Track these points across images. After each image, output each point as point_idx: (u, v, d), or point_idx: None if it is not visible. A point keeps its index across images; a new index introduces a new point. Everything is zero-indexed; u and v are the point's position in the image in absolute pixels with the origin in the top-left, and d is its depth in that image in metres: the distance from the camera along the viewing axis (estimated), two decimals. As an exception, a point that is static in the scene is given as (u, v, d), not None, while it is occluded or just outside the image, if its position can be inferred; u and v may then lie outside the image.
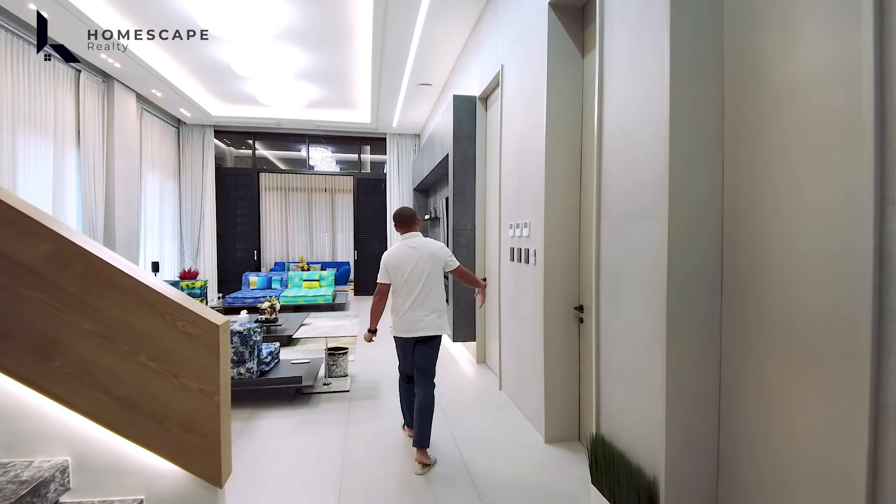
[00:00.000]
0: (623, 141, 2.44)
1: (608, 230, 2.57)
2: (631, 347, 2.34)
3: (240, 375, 3.98)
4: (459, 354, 5.67)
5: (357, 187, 11.18)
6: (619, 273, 2.46)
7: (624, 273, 2.41)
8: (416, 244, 3.19)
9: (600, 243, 2.65)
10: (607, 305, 2.57)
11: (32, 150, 5.60)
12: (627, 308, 2.37)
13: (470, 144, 5.19)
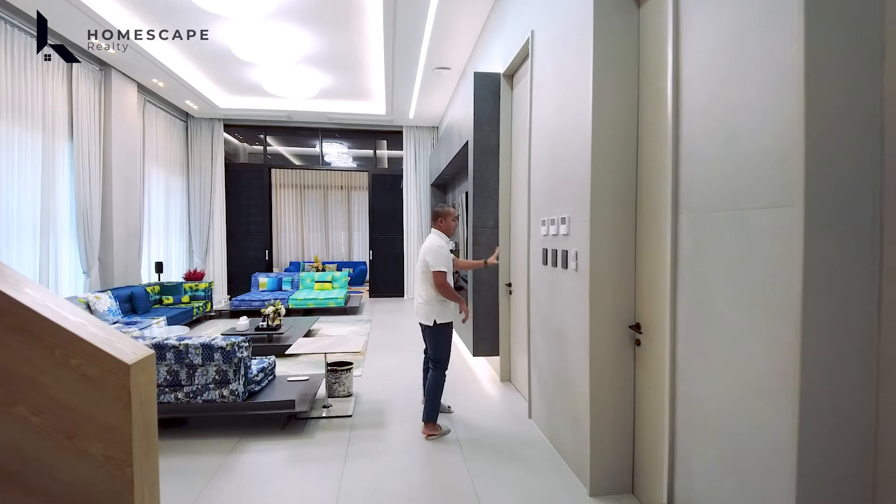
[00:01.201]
0: (713, 102, 1.74)
1: (689, 226, 1.88)
2: (729, 392, 1.65)
3: (222, 399, 3.38)
4: (481, 370, 5.00)
5: (372, 183, 10.59)
6: (707, 285, 1.76)
7: (716, 285, 1.71)
8: (426, 240, 3.61)
9: (677, 243, 1.96)
10: (688, 329, 1.88)
11: (17, 142, 5.13)
12: (722, 335, 1.68)
13: (493, 129, 4.52)
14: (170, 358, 3.32)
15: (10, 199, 5.05)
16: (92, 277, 6.42)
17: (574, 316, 2.82)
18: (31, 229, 5.35)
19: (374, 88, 8.25)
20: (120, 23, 5.59)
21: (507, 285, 4.49)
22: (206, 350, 3.34)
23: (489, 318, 4.57)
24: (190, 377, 3.38)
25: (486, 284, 4.55)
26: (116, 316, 5.81)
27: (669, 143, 2.07)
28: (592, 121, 2.55)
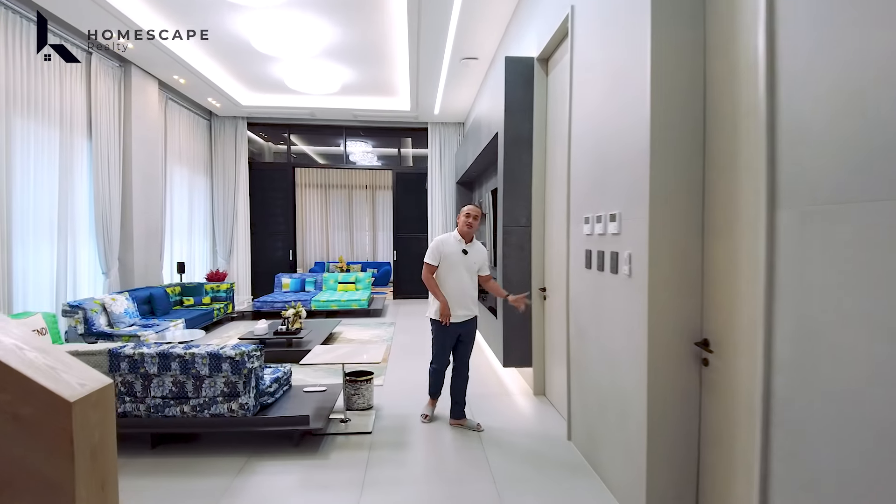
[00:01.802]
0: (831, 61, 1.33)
1: (795, 225, 1.48)
2: (858, 448, 1.24)
3: (231, 413, 3.10)
4: (512, 383, 4.62)
5: (397, 182, 10.30)
6: (829, 306, 1.36)
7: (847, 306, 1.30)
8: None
9: (774, 248, 1.55)
10: (797, 361, 1.47)
11: (33, 139, 4.99)
12: (856, 372, 1.27)
13: (525, 118, 4.13)
14: (175, 368, 3.06)
15: (26, 198, 4.91)
16: (111, 278, 6.29)
17: (626, 329, 2.42)
18: (47, 229, 5.22)
19: (398, 83, 7.94)
20: (137, 16, 5.42)
21: (541, 290, 4.10)
22: (214, 360, 3.06)
23: (521, 325, 4.18)
24: (197, 389, 3.11)
25: (516, 288, 4.16)
26: (133, 318, 5.64)
27: (762, 123, 1.66)
28: (651, 100, 2.15)
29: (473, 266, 3.50)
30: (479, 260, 3.53)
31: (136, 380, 3.08)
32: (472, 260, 3.50)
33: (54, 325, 4.45)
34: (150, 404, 3.08)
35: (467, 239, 3.50)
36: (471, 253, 3.50)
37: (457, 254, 3.46)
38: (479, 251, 3.53)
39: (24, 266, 4.90)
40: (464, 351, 3.59)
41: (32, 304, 4.98)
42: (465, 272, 3.48)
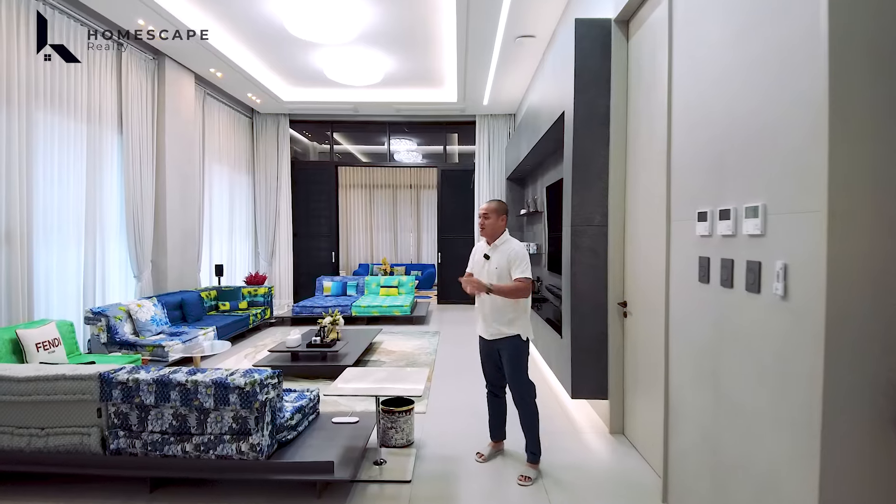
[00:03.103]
0: None
1: None
2: None
3: (240, 455, 2.52)
4: (582, 417, 3.83)
5: (442, 180, 9.67)
6: None
7: None
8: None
9: None
10: None
11: (57, 133, 4.67)
12: None
13: (601, 92, 3.38)
14: (175, 399, 2.51)
15: (50, 196, 4.59)
16: (143, 282, 5.97)
17: (776, 375, 1.64)
18: (74, 229, 4.90)
19: (444, 71, 7.30)
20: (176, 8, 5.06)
21: (620, 305, 3.32)
22: (220, 390, 2.50)
23: (594, 348, 3.42)
24: (201, 424, 2.56)
25: (588, 302, 3.41)
26: (161, 325, 5.26)
27: None
28: (829, 42, 1.38)
29: (494, 272, 2.85)
30: (503, 264, 2.84)
31: (130, 411, 2.56)
32: (494, 265, 2.87)
33: (71, 335, 4.08)
34: (148, 440, 2.55)
35: (490, 240, 2.94)
36: (493, 257, 2.89)
37: (479, 260, 2.99)
38: (504, 253, 2.85)
39: (48, 270, 4.58)
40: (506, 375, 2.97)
41: (56, 310, 4.66)
42: (485, 278, 2.89)
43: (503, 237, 2.91)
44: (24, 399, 2.52)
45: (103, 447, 2.56)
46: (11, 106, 4.07)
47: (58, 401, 2.52)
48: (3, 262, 4.03)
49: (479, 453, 3.10)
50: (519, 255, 2.81)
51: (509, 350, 2.86)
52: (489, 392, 3.12)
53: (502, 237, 2.90)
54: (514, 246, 2.87)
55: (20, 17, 4.19)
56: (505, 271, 2.82)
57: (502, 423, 3.15)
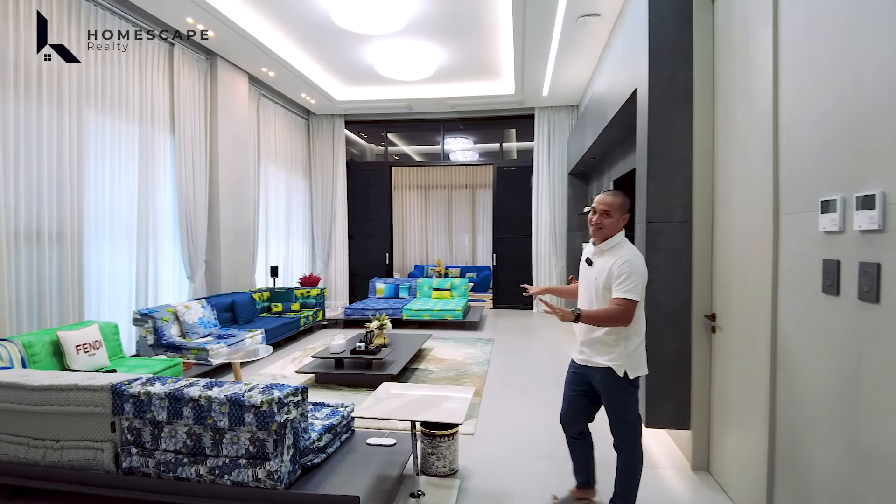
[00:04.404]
0: None
1: None
2: None
3: (257, 483, 2.22)
4: (659, 450, 3.23)
5: (497, 178, 9.21)
6: None
7: None
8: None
9: None
10: None
11: (109, 134, 4.68)
12: None
13: (681, 65, 2.82)
14: (188, 416, 2.26)
15: (101, 197, 4.60)
16: (196, 283, 5.97)
17: None
18: (126, 230, 4.91)
19: (499, 61, 6.87)
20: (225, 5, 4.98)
21: (707, 318, 2.75)
22: (235, 408, 2.21)
23: (674, 369, 2.86)
24: (216, 445, 2.28)
25: (667, 314, 2.86)
26: (209, 327, 5.18)
27: None
28: None
29: (593, 282, 2.24)
30: (605, 275, 2.17)
31: (143, 426, 2.33)
32: (595, 274, 2.25)
33: (115, 337, 4.02)
34: (161, 460, 2.31)
35: (598, 243, 2.29)
36: (596, 264, 2.26)
37: (583, 263, 2.38)
38: (610, 260, 2.18)
39: (99, 271, 4.59)
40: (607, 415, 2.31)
41: (108, 312, 4.67)
42: (583, 290, 2.34)
43: (614, 239, 2.23)
44: (40, 409, 2.35)
45: (116, 464, 2.35)
46: (63, 107, 4.08)
47: (72, 412, 2.34)
48: (55, 262, 4.03)
49: (553, 497, 2.54)
50: (628, 266, 2.10)
51: (603, 387, 2.23)
52: (565, 429, 2.49)
53: (613, 239, 2.23)
54: (626, 253, 2.16)
55: (71, 19, 4.19)
56: (605, 284, 2.17)
57: (588, 466, 2.51)
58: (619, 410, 2.22)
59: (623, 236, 2.26)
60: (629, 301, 2.07)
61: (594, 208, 2.26)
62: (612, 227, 2.22)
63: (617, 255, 2.17)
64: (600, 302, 2.19)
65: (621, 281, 2.09)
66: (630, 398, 2.21)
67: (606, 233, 2.23)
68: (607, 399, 2.24)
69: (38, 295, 3.85)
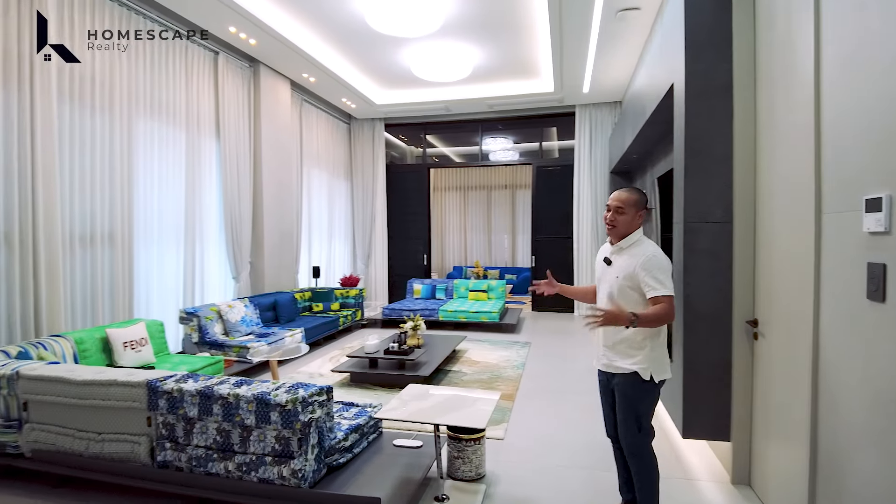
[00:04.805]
0: None
1: None
2: None
3: (281, 480, 2.26)
4: (697, 462, 3.07)
5: (537, 178, 9.07)
6: None
7: None
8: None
9: None
10: None
11: (157, 140, 4.92)
12: None
13: (720, 57, 2.67)
14: (217, 413, 2.33)
15: (150, 201, 4.84)
16: (241, 283, 6.19)
17: None
18: (173, 232, 5.15)
19: (537, 58, 6.75)
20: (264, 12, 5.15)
21: (749, 324, 2.58)
22: (261, 407, 2.26)
23: (714, 378, 2.71)
24: (243, 442, 2.35)
25: (706, 319, 2.71)
26: (251, 326, 5.36)
27: None
28: None
29: (615, 281, 2.15)
30: (629, 271, 2.09)
31: (177, 422, 2.42)
32: (615, 273, 2.16)
33: (160, 334, 4.22)
34: (192, 455, 2.39)
35: (615, 242, 2.24)
36: (616, 262, 2.19)
37: (601, 263, 2.32)
38: (633, 257, 2.11)
39: (148, 270, 4.83)
40: (617, 419, 2.24)
41: (156, 310, 4.91)
42: (604, 292, 2.24)
43: (633, 236, 2.19)
44: (83, 403, 2.49)
45: (151, 458, 2.46)
46: (114, 114, 4.32)
47: (111, 406, 2.46)
48: (107, 263, 4.28)
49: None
50: (655, 261, 2.05)
51: (623, 390, 2.15)
52: (612, 445, 2.42)
53: (632, 236, 2.19)
54: (648, 248, 2.12)
55: (123, 30, 4.42)
56: (629, 282, 2.10)
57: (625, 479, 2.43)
58: (631, 418, 2.13)
59: (641, 233, 2.21)
60: (670, 296, 2.02)
61: (608, 206, 2.24)
62: (626, 224, 2.18)
63: (638, 252, 2.12)
64: (624, 301, 2.11)
65: (655, 277, 2.03)
66: (652, 402, 2.15)
67: (621, 230, 2.19)
68: (627, 403, 2.14)
69: (91, 294, 4.10)
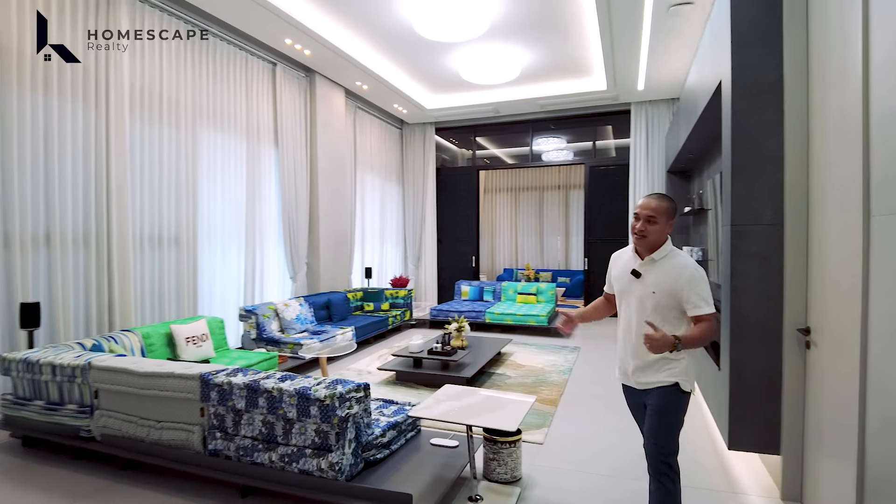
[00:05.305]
0: None
1: None
2: None
3: (320, 472, 2.38)
4: (744, 475, 2.92)
5: (590, 178, 8.88)
6: None
7: None
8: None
9: None
10: None
11: (220, 149, 5.27)
12: None
13: (769, 52, 2.53)
14: (262, 405, 2.48)
15: (213, 206, 5.19)
16: (298, 282, 6.50)
17: None
18: (235, 235, 5.49)
19: (588, 56, 6.62)
20: (317, 24, 5.39)
21: (801, 332, 2.43)
22: (302, 401, 2.39)
23: (762, 388, 2.57)
24: (286, 434, 2.49)
25: (754, 326, 2.58)
26: (306, 324, 5.61)
27: None
28: None
29: (650, 298, 2.01)
30: (668, 287, 1.97)
31: (227, 413, 2.60)
32: (650, 288, 2.01)
33: (220, 331, 4.51)
34: (240, 445, 2.56)
35: (644, 253, 2.08)
36: (648, 276, 2.03)
37: (624, 276, 2.13)
38: (669, 273, 1.99)
39: (211, 271, 5.18)
40: (646, 436, 2.08)
41: (219, 308, 5.26)
42: (634, 307, 2.07)
43: (665, 247, 2.04)
44: (145, 392, 2.73)
45: (204, 446, 2.65)
46: (180, 126, 4.68)
47: (169, 397, 2.68)
48: (173, 264, 4.64)
49: None
50: (700, 276, 1.94)
51: (658, 402, 2.01)
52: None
53: (664, 248, 2.04)
54: (685, 263, 1.98)
55: (186, 46, 4.78)
56: (668, 299, 1.97)
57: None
58: (666, 430, 2.00)
59: (671, 244, 2.07)
60: (713, 314, 1.93)
61: (637, 214, 2.07)
62: (657, 234, 2.02)
63: (675, 265, 1.99)
64: (661, 318, 1.99)
65: (700, 295, 1.92)
66: (682, 416, 2.03)
67: (651, 241, 2.03)
68: (666, 417, 2.00)
69: (158, 292, 4.46)
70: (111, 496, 2.64)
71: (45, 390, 3.08)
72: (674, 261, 2.01)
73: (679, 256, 2.03)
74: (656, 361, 2.01)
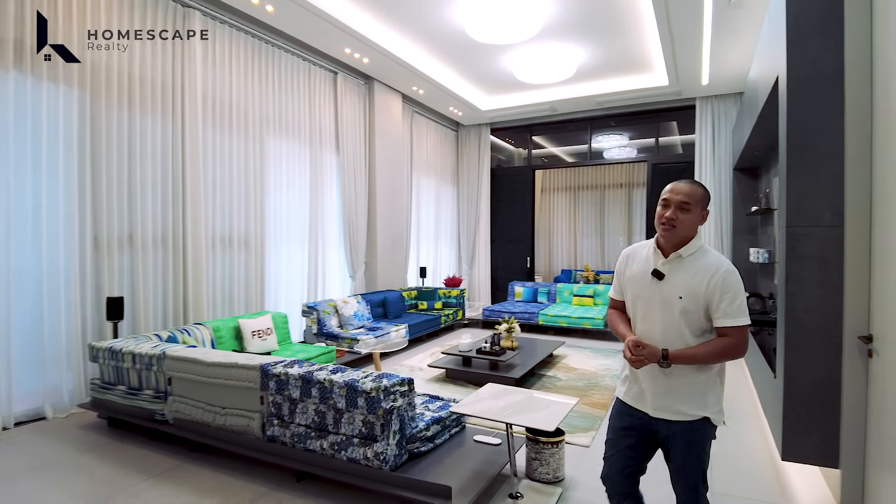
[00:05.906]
0: None
1: None
2: None
3: (366, 461, 2.53)
4: (800, 487, 2.78)
5: (652, 176, 8.60)
6: None
7: None
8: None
9: None
10: None
11: (285, 155, 5.63)
12: None
13: (829, 44, 2.40)
14: (315, 395, 2.68)
15: (279, 209, 5.56)
16: (357, 281, 6.80)
17: None
18: (299, 236, 5.84)
19: (647, 52, 6.44)
20: (373, 33, 5.62)
21: (862, 339, 2.29)
22: (350, 392, 2.56)
23: (820, 397, 2.44)
24: (336, 423, 2.66)
25: (811, 333, 2.46)
26: (363, 321, 5.87)
27: None
28: None
29: (676, 304, 1.68)
30: (698, 291, 1.66)
31: (283, 402, 2.82)
32: (677, 292, 1.68)
33: (284, 325, 4.83)
34: (295, 432, 2.77)
35: (667, 249, 1.75)
36: (673, 277, 1.71)
37: (642, 277, 1.78)
38: (699, 274, 1.67)
39: (277, 269, 5.56)
40: (673, 477, 1.80)
41: (284, 304, 5.62)
42: (657, 313, 1.73)
43: (695, 242, 1.72)
44: (212, 381, 3.01)
45: (262, 432, 2.88)
46: (249, 135, 5.05)
47: (233, 385, 2.94)
48: (242, 262, 5.02)
49: None
50: (733, 281, 1.64)
51: (690, 440, 1.70)
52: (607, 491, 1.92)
53: (693, 242, 1.72)
54: (719, 262, 1.68)
55: (258, 62, 5.15)
56: (696, 304, 1.66)
57: None
58: (705, 466, 1.73)
59: (700, 240, 1.75)
60: (744, 328, 1.62)
61: (666, 200, 1.74)
62: (689, 225, 1.69)
63: (706, 265, 1.68)
64: (688, 329, 1.68)
65: (730, 302, 1.61)
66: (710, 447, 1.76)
67: (681, 233, 1.69)
68: (695, 455, 1.71)
69: (228, 288, 4.86)
70: (181, 475, 2.93)
71: (127, 376, 3.46)
72: (704, 259, 1.70)
73: (711, 255, 1.72)
74: (686, 386, 1.69)
